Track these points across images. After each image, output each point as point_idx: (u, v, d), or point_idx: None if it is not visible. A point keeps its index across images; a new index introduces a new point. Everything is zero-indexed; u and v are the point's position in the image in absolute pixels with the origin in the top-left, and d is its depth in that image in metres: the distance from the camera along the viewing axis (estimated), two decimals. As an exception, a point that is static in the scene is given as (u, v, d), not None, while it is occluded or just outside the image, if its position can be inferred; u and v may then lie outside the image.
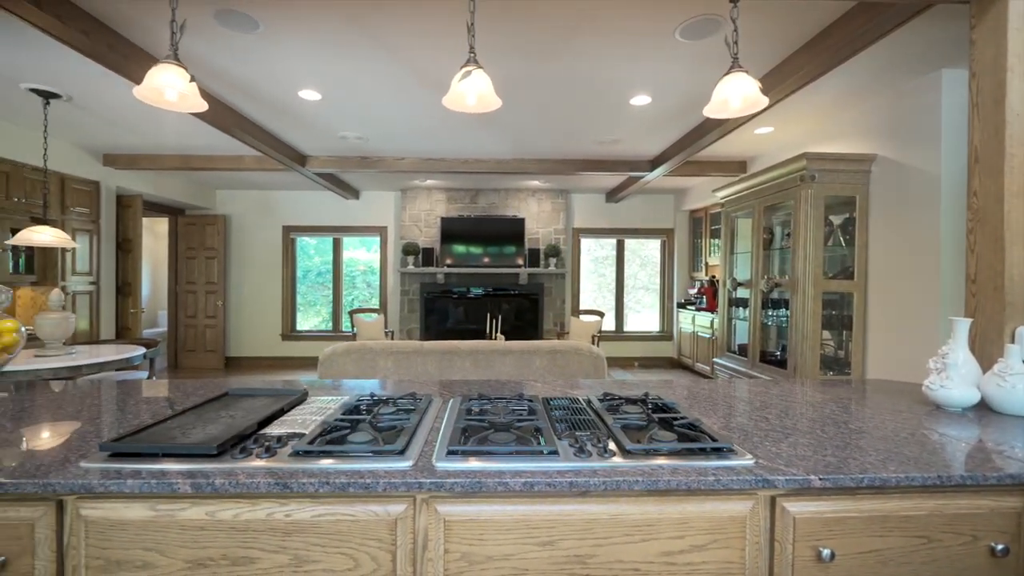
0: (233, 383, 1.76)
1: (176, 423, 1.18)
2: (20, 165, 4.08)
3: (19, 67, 2.95)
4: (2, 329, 1.53)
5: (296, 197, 6.80)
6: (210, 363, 6.61)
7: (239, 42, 2.61)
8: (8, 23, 2.40)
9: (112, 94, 3.35)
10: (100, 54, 2.42)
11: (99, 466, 0.97)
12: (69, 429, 1.22)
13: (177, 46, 1.51)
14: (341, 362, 3.01)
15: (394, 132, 4.11)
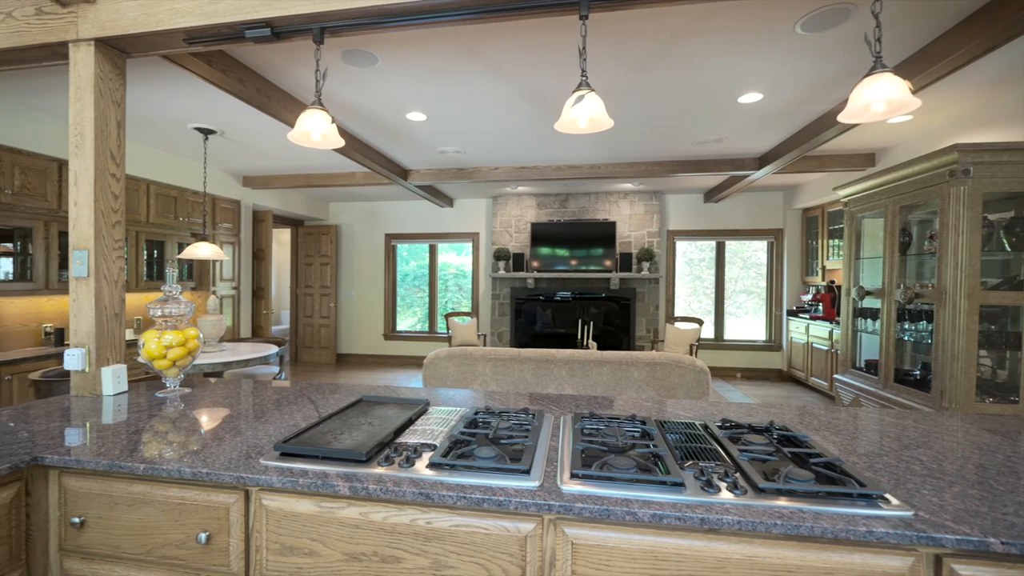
0: (343, 379, 1.95)
1: (327, 427, 1.35)
2: (184, 190, 4.85)
3: (187, 111, 3.52)
4: (189, 336, 1.84)
5: (396, 207, 7.31)
6: (324, 359, 7.35)
7: (360, 76, 2.88)
8: (183, 78, 2.89)
9: (254, 127, 3.87)
10: (250, 96, 2.82)
11: (275, 464, 1.14)
12: (244, 425, 1.44)
13: (320, 92, 1.72)
14: (443, 366, 3.20)
15: (490, 144, 4.26)
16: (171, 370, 1.86)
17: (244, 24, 1.73)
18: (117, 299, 1.95)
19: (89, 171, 1.86)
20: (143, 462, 1.16)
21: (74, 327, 1.88)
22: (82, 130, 1.88)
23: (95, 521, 1.20)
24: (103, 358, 1.88)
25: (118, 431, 1.41)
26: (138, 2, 1.82)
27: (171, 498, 1.16)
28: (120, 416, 1.58)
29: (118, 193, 1.95)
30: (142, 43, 1.91)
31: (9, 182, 3.43)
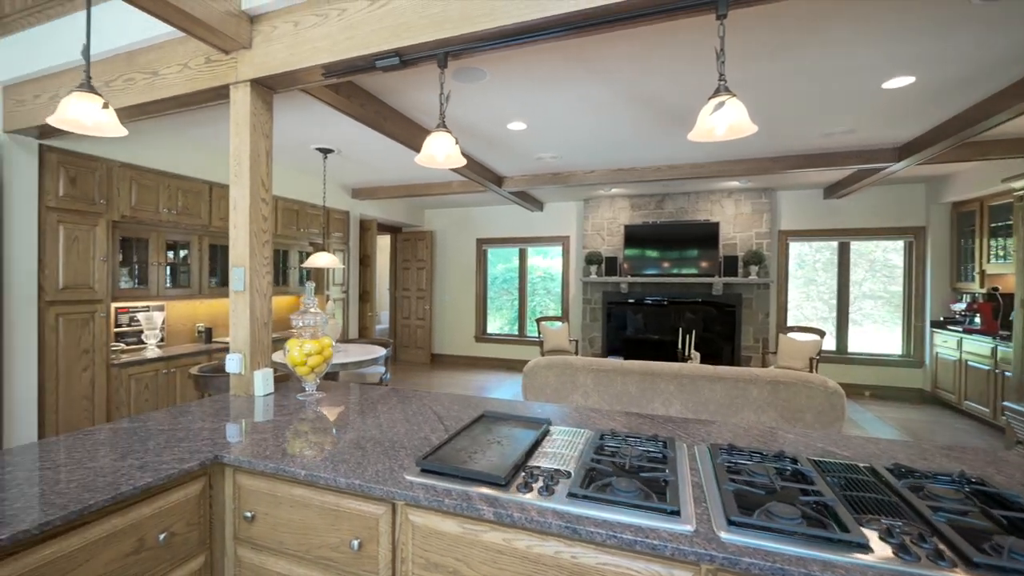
0: (438, 379, 1.99)
1: (459, 444, 1.38)
2: (304, 204, 5.37)
3: (311, 134, 3.88)
4: (324, 345, 2.00)
5: (487, 212, 7.48)
6: (420, 358, 7.74)
7: (468, 91, 2.97)
8: (310, 107, 3.18)
9: (366, 145, 4.16)
10: (369, 118, 3.02)
11: (419, 480, 1.18)
12: (379, 435, 1.53)
13: (444, 115, 1.78)
14: (543, 375, 3.19)
15: (587, 148, 4.19)
16: (309, 375, 2.04)
17: (375, 55, 1.85)
18: (266, 310, 2.18)
19: (246, 197, 2.11)
20: (303, 468, 1.28)
21: (233, 335, 2.14)
22: (240, 161, 2.13)
23: (263, 517, 1.34)
24: (255, 362, 2.12)
25: (277, 434, 1.57)
26: (285, 44, 2.03)
27: (327, 504, 1.25)
28: (274, 418, 1.75)
29: (267, 215, 2.19)
30: (287, 80, 2.12)
31: (174, 203, 4.02)
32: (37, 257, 3.14)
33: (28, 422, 3.08)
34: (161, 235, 3.99)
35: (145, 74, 2.44)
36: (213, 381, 3.03)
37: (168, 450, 1.42)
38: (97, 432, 1.57)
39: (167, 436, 1.54)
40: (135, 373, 3.68)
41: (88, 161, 3.39)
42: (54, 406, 3.21)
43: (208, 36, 2.01)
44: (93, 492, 1.13)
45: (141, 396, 3.72)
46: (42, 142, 3.14)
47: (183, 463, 1.32)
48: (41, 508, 1.05)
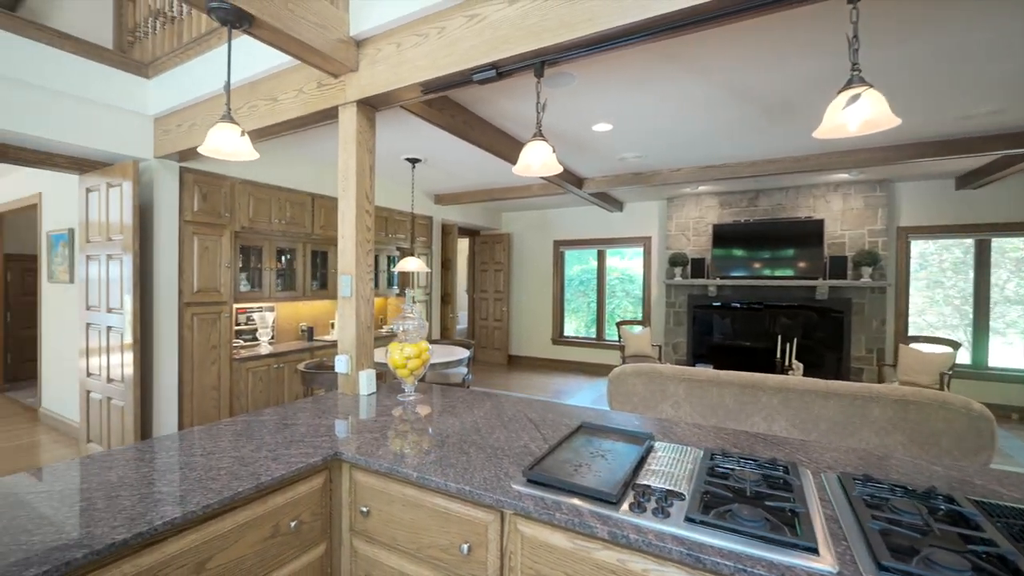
0: (516, 381, 1.97)
1: (562, 456, 1.37)
2: (392, 210, 5.68)
3: (401, 145, 4.09)
4: (422, 350, 2.10)
5: (565, 214, 7.44)
6: (497, 359, 7.88)
7: (554, 95, 2.97)
8: (403, 120, 3.35)
9: (450, 153, 4.31)
10: (457, 128, 3.13)
11: (527, 491, 1.19)
12: (480, 440, 1.57)
13: (540, 123, 1.79)
14: (631, 382, 3.09)
15: (674, 146, 4.01)
16: (409, 377, 2.15)
17: (472, 70, 1.90)
18: (369, 314, 2.33)
19: (352, 210, 2.27)
20: (415, 470, 1.34)
21: (340, 337, 2.31)
22: (347, 176, 2.29)
23: (377, 512, 1.43)
24: (360, 363, 2.27)
25: (385, 434, 1.66)
26: (388, 64, 2.15)
27: (437, 506, 1.31)
28: (380, 417, 1.87)
29: (370, 226, 2.34)
30: (389, 98, 2.25)
31: (283, 214, 4.43)
32: (177, 264, 3.62)
33: (170, 408, 3.56)
34: (272, 243, 4.43)
35: (266, 100, 2.71)
36: (317, 377, 3.29)
37: (295, 444, 1.56)
38: (234, 424, 1.77)
39: (291, 431, 1.70)
40: (252, 367, 4.11)
41: (216, 179, 3.85)
42: (190, 395, 3.68)
43: (321, 63, 2.19)
44: (240, 480, 1.27)
45: (256, 388, 4.15)
46: (182, 164, 3.61)
47: (309, 458, 1.44)
48: (202, 492, 1.20)
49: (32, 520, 1.06)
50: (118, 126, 3.24)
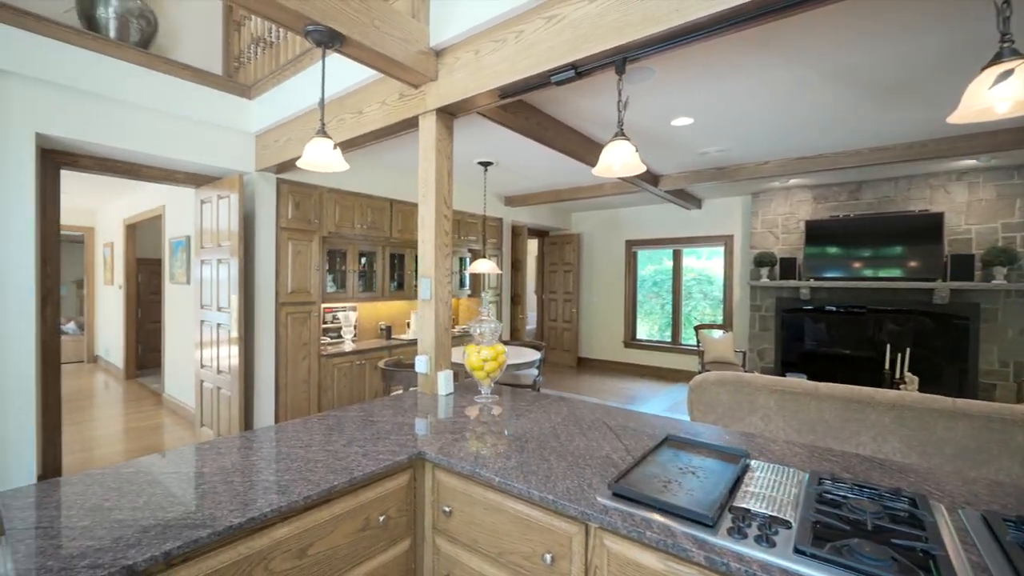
0: (586, 384, 1.89)
1: (648, 471, 1.31)
2: (464, 213, 5.81)
3: (473, 149, 4.17)
4: (499, 352, 2.11)
5: (638, 212, 7.20)
6: (566, 361, 7.81)
7: (632, 91, 2.87)
8: (478, 125, 3.41)
9: (521, 155, 4.32)
10: (531, 130, 3.13)
11: (613, 505, 1.15)
12: (559, 447, 1.54)
13: (622, 121, 1.73)
14: (714, 391, 2.91)
15: (761, 137, 3.73)
16: (486, 379, 2.17)
17: (551, 71, 1.88)
18: (447, 316, 2.39)
19: (431, 215, 2.34)
20: (496, 474, 1.34)
21: (420, 338, 2.39)
22: (427, 182, 2.37)
23: (459, 513, 1.46)
24: (438, 364, 2.34)
25: (465, 435, 1.69)
26: (466, 72, 2.19)
27: (519, 512, 1.30)
28: (458, 418, 1.90)
29: (448, 231, 2.39)
30: (466, 105, 2.30)
31: (364, 219, 4.69)
32: (275, 267, 3.95)
33: (268, 399, 3.90)
34: (355, 247, 4.70)
35: (352, 113, 2.88)
36: (396, 375, 3.44)
37: (381, 441, 1.63)
38: (325, 419, 1.89)
39: (377, 427, 1.78)
40: (337, 363, 4.40)
41: (307, 189, 4.16)
42: (284, 387, 4.00)
43: (403, 75, 2.28)
44: (335, 474, 1.35)
45: (341, 383, 4.43)
46: (279, 176, 3.94)
47: (395, 455, 1.50)
48: (303, 483, 1.29)
49: (165, 498, 1.19)
50: (226, 144, 3.60)
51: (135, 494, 1.21)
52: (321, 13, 1.82)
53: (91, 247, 7.96)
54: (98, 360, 7.84)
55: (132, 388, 6.24)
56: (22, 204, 2.73)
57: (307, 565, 1.23)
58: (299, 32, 1.90)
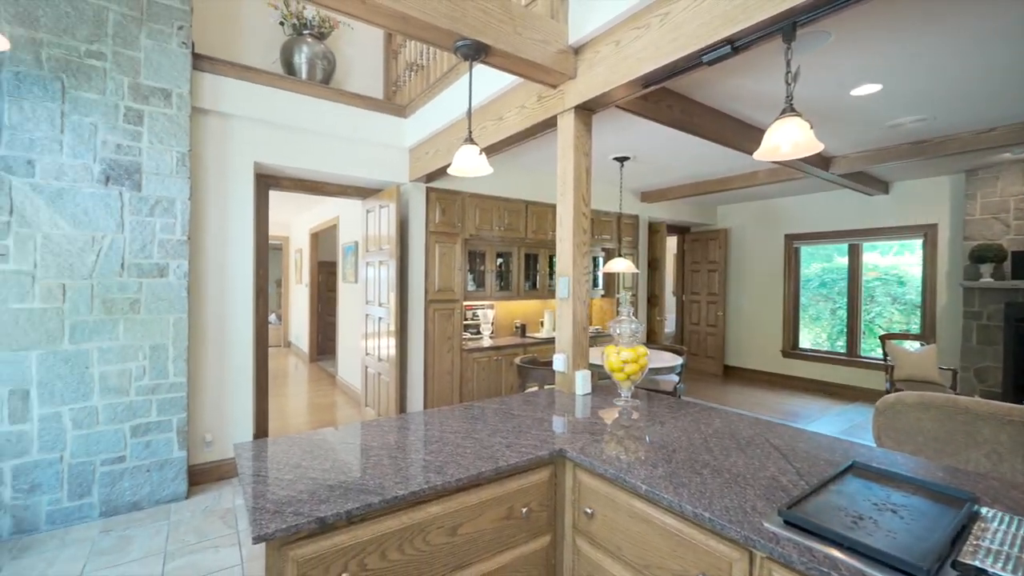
0: (733, 395, 1.62)
1: (830, 500, 1.11)
2: (599, 212, 5.71)
3: (608, 144, 4.06)
4: (640, 354, 2.01)
5: (801, 202, 6.28)
6: (710, 368, 7.17)
7: (799, 60, 2.51)
8: (613, 119, 3.30)
9: (663, 147, 4.08)
10: (673, 119, 2.93)
11: (786, 534, 1.00)
12: (713, 461, 1.40)
13: (792, 96, 1.50)
14: (912, 416, 2.38)
15: (979, 99, 2.93)
16: (626, 382, 2.09)
17: (702, 51, 1.72)
18: (585, 315, 2.36)
19: (570, 213, 2.33)
20: (644, 482, 1.27)
21: (558, 337, 2.40)
22: (565, 180, 2.37)
23: (601, 517, 1.41)
24: (576, 363, 2.32)
25: (607, 438, 1.64)
26: (606, 65, 2.13)
27: (668, 526, 1.21)
28: (597, 419, 1.86)
29: (587, 228, 2.36)
30: (606, 99, 2.24)
31: (502, 221, 4.90)
32: (424, 268, 4.35)
33: (418, 387, 4.31)
34: (493, 248, 4.95)
35: (493, 120, 3.02)
36: (532, 372, 3.52)
37: (522, 435, 1.66)
38: (470, 409, 2.00)
39: (518, 421, 1.82)
40: (476, 357, 4.67)
41: (451, 195, 4.49)
42: (431, 377, 4.39)
43: (543, 76, 2.31)
44: (483, 461, 1.41)
45: (480, 376, 4.69)
46: (428, 185, 4.33)
47: (537, 450, 1.52)
48: (455, 466, 1.37)
49: (344, 464, 1.37)
50: (386, 159, 4.08)
51: (322, 458, 1.43)
52: (470, 28, 1.94)
53: (286, 253, 9.74)
54: (291, 345, 9.55)
55: (314, 370, 7.47)
56: (245, 220, 3.44)
57: (458, 543, 1.31)
58: (449, 49, 2.05)
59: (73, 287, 2.71)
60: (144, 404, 2.91)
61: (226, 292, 3.37)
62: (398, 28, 1.87)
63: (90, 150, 2.75)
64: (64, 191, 2.68)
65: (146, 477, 2.91)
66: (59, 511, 2.68)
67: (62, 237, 2.67)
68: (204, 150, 3.26)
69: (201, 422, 3.28)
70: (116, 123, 2.81)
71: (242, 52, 3.83)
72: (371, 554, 1.16)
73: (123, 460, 2.85)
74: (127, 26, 2.84)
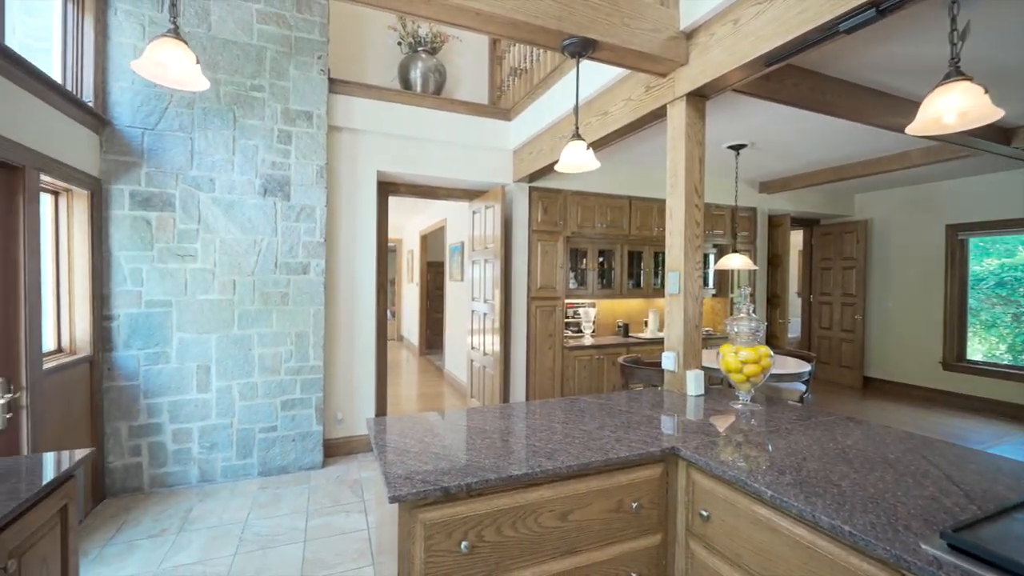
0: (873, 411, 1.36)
1: (1013, 530, 0.94)
2: (710, 205, 5.35)
3: (721, 132, 3.78)
4: (762, 355, 1.86)
5: (967, 185, 5.27)
6: (845, 380, 6.32)
7: (967, 15, 2.12)
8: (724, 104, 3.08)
9: (787, 130, 3.70)
10: (802, 98, 2.65)
11: (953, 561, 0.86)
12: (854, 474, 1.25)
13: (958, 57, 1.29)
14: None
15: None
16: (744, 384, 1.94)
17: (839, 18, 1.55)
18: (697, 312, 2.25)
19: (680, 206, 2.23)
20: (768, 488, 1.18)
21: (667, 334, 2.31)
22: (676, 172, 2.27)
23: (719, 522, 1.34)
24: (687, 362, 2.21)
25: (724, 440, 1.55)
26: (723, 47, 2.01)
27: (799, 537, 1.11)
28: (713, 421, 1.76)
29: (699, 221, 2.24)
30: (722, 83, 2.11)
31: (604, 218, 4.82)
32: (527, 266, 4.45)
33: (520, 382, 4.42)
34: (595, 246, 4.89)
35: (598, 116, 3.00)
36: (636, 372, 3.42)
37: (632, 430, 1.64)
38: (576, 402, 2.02)
39: (625, 417, 1.80)
40: (577, 355, 4.66)
41: (553, 194, 4.53)
42: (533, 372, 4.47)
43: (651, 66, 2.24)
44: (592, 452, 1.42)
45: (580, 374, 4.67)
46: (531, 185, 4.43)
47: (647, 446, 1.49)
48: (564, 454, 1.40)
49: (463, 443, 1.47)
50: (492, 162, 4.26)
51: (441, 436, 1.55)
52: (577, 26, 1.95)
53: (400, 254, 10.59)
54: (403, 339, 10.37)
55: (423, 362, 8.03)
56: (369, 223, 3.83)
57: (568, 529, 1.34)
58: (556, 48, 2.08)
59: (240, 282, 3.25)
60: (291, 383, 3.38)
61: (354, 288, 3.79)
62: (509, 34, 1.96)
63: (253, 167, 3.27)
64: (235, 203, 3.22)
65: (292, 446, 3.38)
66: (229, 467, 3.23)
67: (233, 241, 3.22)
68: (337, 162, 3.70)
69: (334, 402, 3.72)
70: (272, 143, 3.31)
71: (367, 72, 4.26)
72: (488, 527, 1.24)
73: (275, 430, 3.34)
74: (280, 60, 3.32)
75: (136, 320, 3.00)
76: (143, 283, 3.01)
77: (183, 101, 3.09)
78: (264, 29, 3.27)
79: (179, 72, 1.45)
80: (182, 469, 3.11)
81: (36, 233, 2.24)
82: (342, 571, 2.24)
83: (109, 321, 2.94)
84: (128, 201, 2.98)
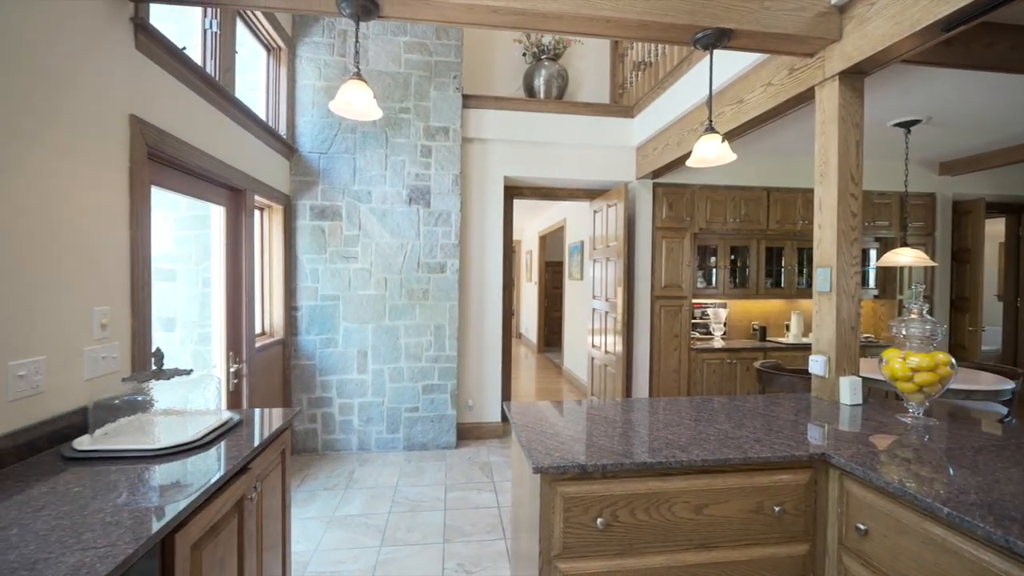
0: None
1: None
2: (870, 193, 4.66)
3: (884, 110, 3.28)
4: (939, 362, 1.62)
5: None
6: (1065, 403, 5.00)
7: None
8: (890, 79, 2.68)
9: (974, 100, 3.09)
10: (997, 59, 2.21)
11: None
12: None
13: None
14: None
15: None
16: (916, 395, 1.71)
17: (1051, -39, 1.30)
18: (853, 312, 2.03)
19: (832, 195, 2.04)
20: (945, 504, 1.06)
21: (816, 336, 2.12)
22: (826, 159, 2.08)
23: (880, 538, 1.23)
24: (841, 367, 2.01)
25: (885, 452, 1.40)
26: (887, 15, 1.79)
27: (988, 565, 0.98)
28: (873, 434, 1.59)
29: (856, 211, 2.02)
30: (885, 55, 1.87)
31: (737, 212, 4.50)
32: (650, 264, 4.36)
33: (643, 382, 4.34)
34: (726, 242, 4.59)
35: (731, 105, 2.85)
36: (775, 379, 3.15)
37: (773, 433, 1.56)
38: (710, 402, 1.96)
39: (767, 420, 1.71)
40: (706, 358, 4.42)
41: (679, 189, 4.37)
42: (657, 373, 4.36)
43: (796, 47, 2.08)
44: (729, 449, 1.40)
45: (710, 379, 4.42)
46: (655, 181, 4.32)
47: (792, 450, 1.41)
48: (698, 448, 1.41)
49: (594, 429, 1.56)
50: (614, 160, 4.25)
51: (573, 422, 1.65)
52: (711, 17, 1.91)
53: (519, 254, 10.98)
54: (521, 337, 10.74)
55: (541, 360, 8.25)
56: (497, 226, 4.10)
57: (702, 522, 1.34)
58: (687, 43, 2.05)
59: (391, 280, 3.73)
60: (430, 370, 3.78)
61: (483, 286, 4.09)
62: (638, 36, 1.99)
63: (400, 180, 3.73)
64: (387, 211, 3.72)
65: (430, 426, 3.78)
66: (381, 440, 3.73)
67: (385, 244, 3.71)
68: (469, 171, 4.03)
69: (465, 389, 4.06)
70: (415, 158, 3.75)
71: (495, 84, 4.57)
72: (622, 508, 1.30)
73: (417, 410, 3.77)
74: (422, 84, 3.74)
75: (314, 311, 3.63)
76: (319, 280, 3.64)
77: (347, 127, 3.65)
78: (410, 58, 3.72)
79: (362, 106, 1.77)
80: (345, 437, 3.69)
81: (252, 241, 2.87)
82: (478, 540, 2.47)
83: (295, 311, 3.60)
84: (309, 213, 3.62)
